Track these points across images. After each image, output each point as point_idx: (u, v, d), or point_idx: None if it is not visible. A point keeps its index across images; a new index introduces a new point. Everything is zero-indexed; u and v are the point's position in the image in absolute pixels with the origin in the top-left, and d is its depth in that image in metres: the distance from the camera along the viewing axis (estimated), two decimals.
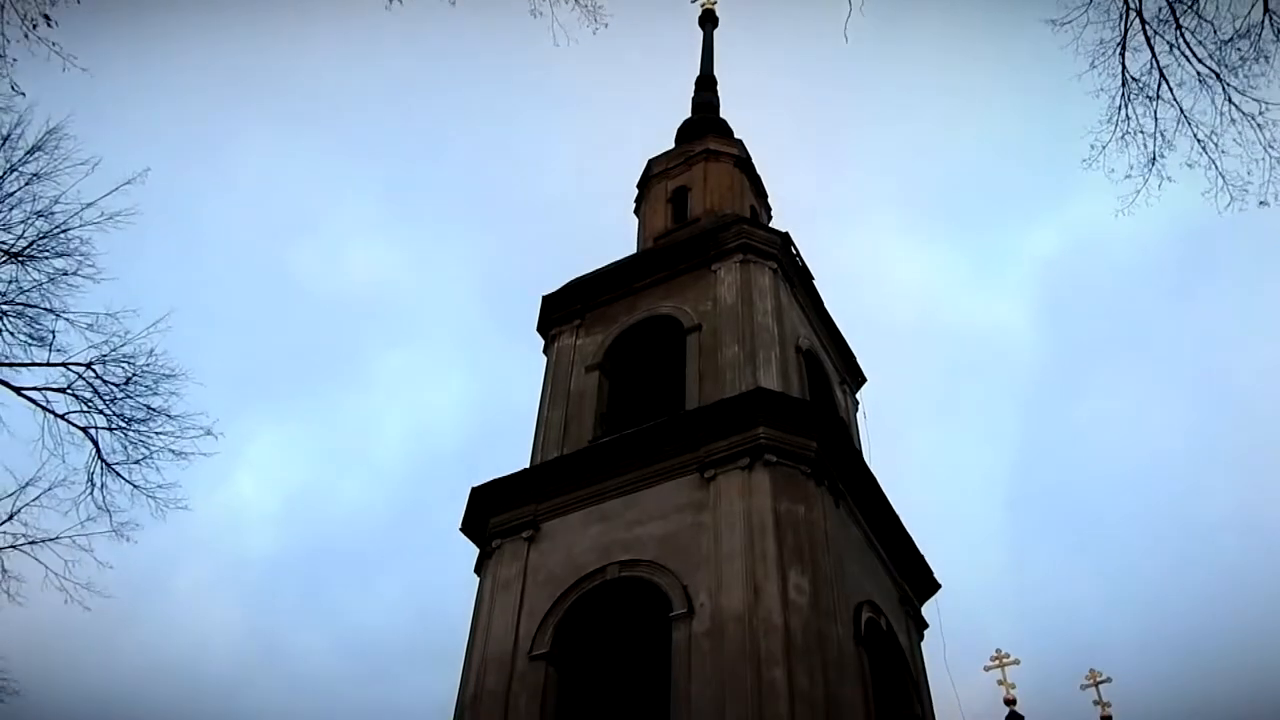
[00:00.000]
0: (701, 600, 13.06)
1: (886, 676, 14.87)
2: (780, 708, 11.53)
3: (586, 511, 15.18)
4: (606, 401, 17.69)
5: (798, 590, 12.72)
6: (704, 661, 12.44)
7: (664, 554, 13.90)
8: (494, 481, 16.15)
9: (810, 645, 12.19)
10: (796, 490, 13.94)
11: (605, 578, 14.19)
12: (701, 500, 14.22)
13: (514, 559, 15.21)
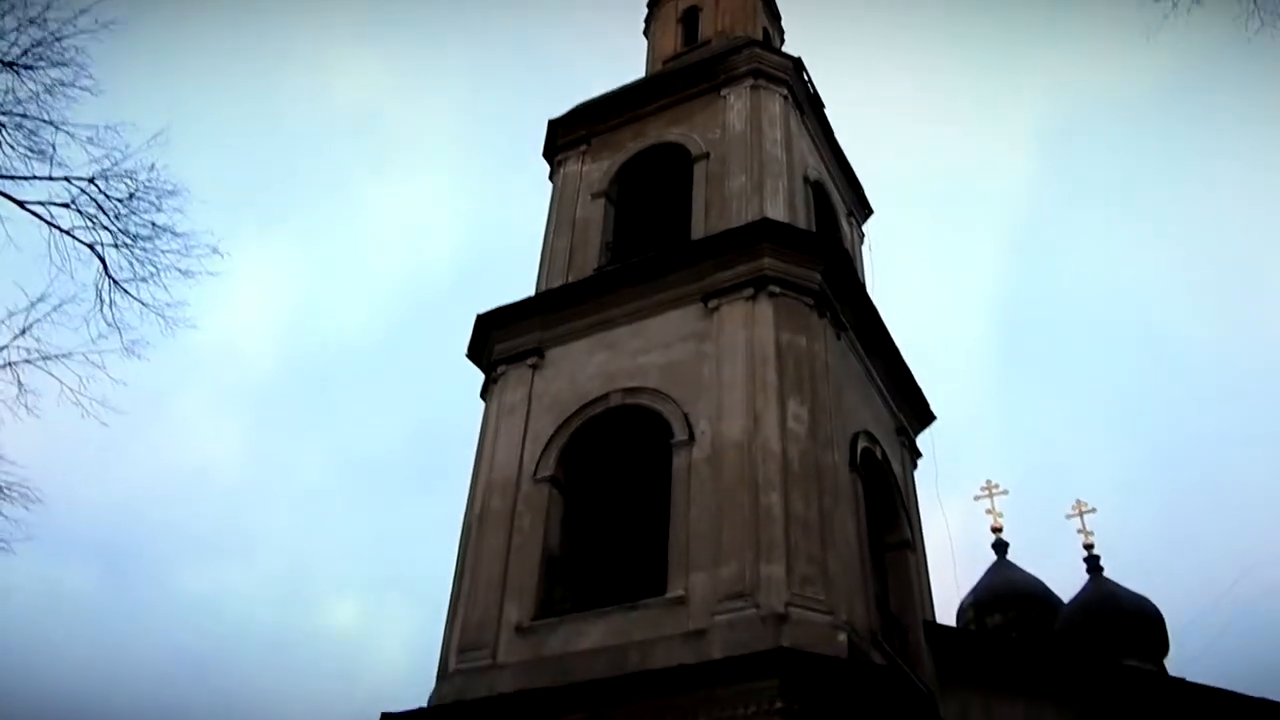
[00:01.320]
0: (702, 428, 13.34)
1: (879, 503, 15.37)
2: (776, 530, 11.96)
3: (591, 339, 15.32)
4: (612, 230, 17.57)
5: (796, 419, 12.98)
6: (703, 486, 12.82)
7: (666, 382, 14.12)
8: (500, 309, 16.24)
9: (807, 472, 12.54)
10: (799, 321, 14.02)
11: (608, 405, 14.46)
12: (705, 330, 14.33)
13: (519, 385, 15.46)
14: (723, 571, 11.90)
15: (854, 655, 11.16)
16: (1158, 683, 14.22)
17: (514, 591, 13.25)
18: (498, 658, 12.73)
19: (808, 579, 11.65)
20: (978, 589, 24.62)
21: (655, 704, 11.00)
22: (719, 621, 11.49)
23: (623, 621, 12.23)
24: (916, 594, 15.15)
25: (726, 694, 10.67)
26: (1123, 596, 21.69)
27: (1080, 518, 24.28)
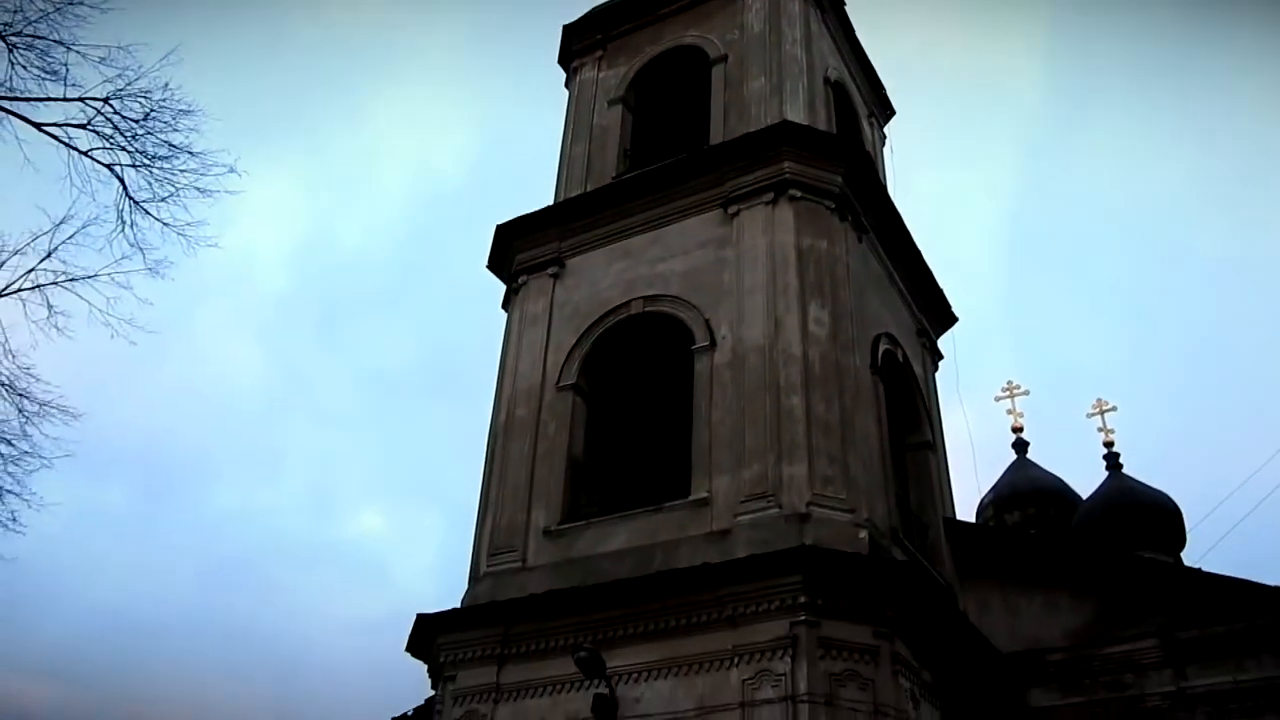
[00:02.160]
0: (723, 333, 13.44)
1: (900, 404, 15.51)
2: (797, 432, 12.15)
3: (611, 248, 15.35)
4: (630, 136, 17.43)
5: (817, 323, 13.04)
6: (725, 390, 12.98)
7: (687, 289, 14.18)
8: (519, 218, 16.25)
9: (828, 374, 12.66)
10: (820, 225, 13.97)
11: (629, 312, 14.56)
12: (725, 236, 14.32)
13: (540, 295, 15.56)
14: (745, 473, 12.13)
15: (875, 552, 11.43)
16: (1173, 572, 14.48)
17: (541, 496, 13.58)
18: (527, 560, 13.12)
19: (829, 479, 11.87)
20: (998, 487, 24.92)
21: (681, 601, 11.35)
22: (742, 521, 11.77)
23: (648, 523, 12.54)
24: (937, 492, 15.40)
25: (750, 591, 10.98)
26: (1141, 492, 21.90)
27: (1101, 416, 24.40)
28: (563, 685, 11.64)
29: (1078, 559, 15.23)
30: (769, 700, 10.38)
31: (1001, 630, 14.10)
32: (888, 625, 10.89)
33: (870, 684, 10.51)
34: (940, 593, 12.56)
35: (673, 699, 10.99)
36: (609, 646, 11.36)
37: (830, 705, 10.25)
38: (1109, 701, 13.23)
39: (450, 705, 12.30)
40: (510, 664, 12.18)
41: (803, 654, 10.50)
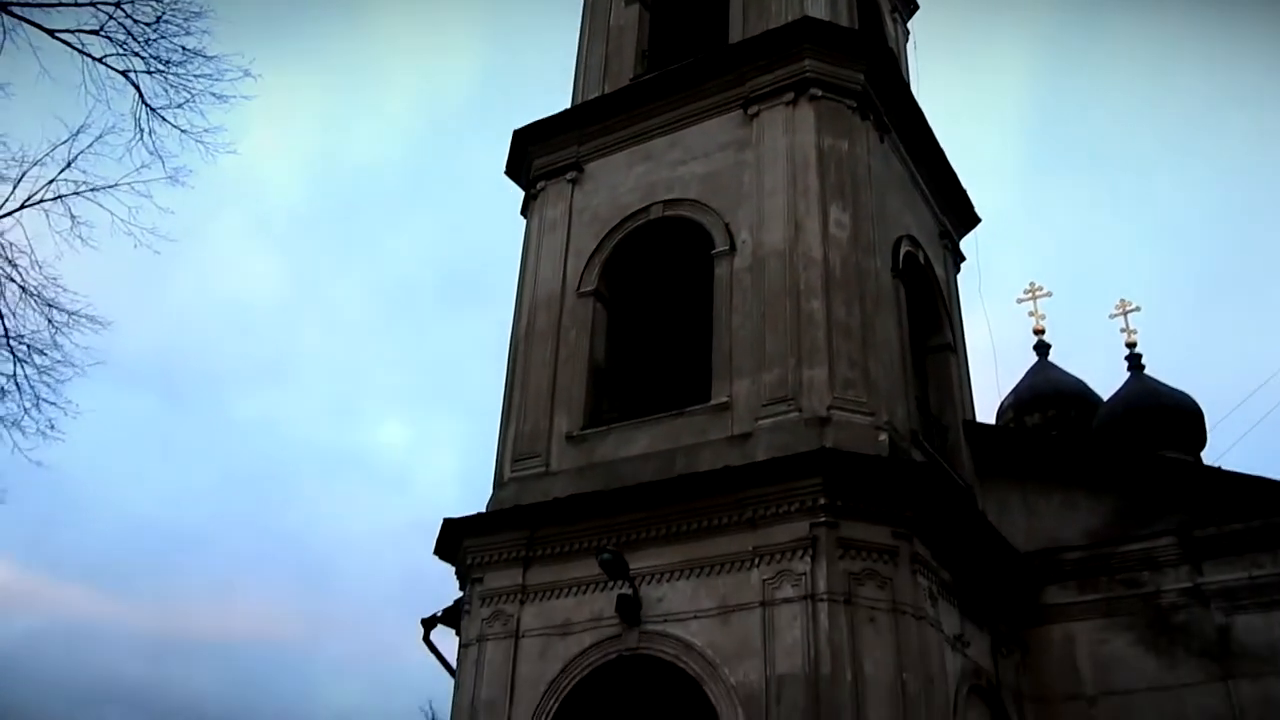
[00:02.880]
0: (743, 237, 13.34)
1: (921, 306, 15.43)
2: (818, 336, 12.14)
3: (629, 151, 15.15)
4: (648, 37, 17.03)
5: (838, 225, 12.91)
6: (745, 295, 12.94)
7: (707, 192, 14.02)
8: (536, 123, 16.02)
9: (848, 278, 12.58)
10: (841, 125, 13.71)
11: (649, 217, 14.44)
12: (745, 138, 14.09)
13: (558, 200, 15.45)
14: (766, 377, 12.17)
15: (894, 454, 11.51)
16: (1192, 471, 14.54)
17: (563, 403, 13.70)
18: (550, 465, 13.30)
19: (849, 382, 11.90)
20: (1018, 389, 24.91)
21: (702, 504, 11.52)
22: (763, 425, 11.86)
23: (669, 428, 12.66)
24: (957, 395, 15.42)
25: (771, 493, 11.12)
26: (1162, 392, 21.84)
27: (1124, 316, 24.20)
28: (587, 586, 11.92)
29: (1097, 458, 15.32)
30: (789, 599, 10.60)
31: (1020, 530, 14.28)
32: (906, 526, 11.03)
33: (889, 582, 10.70)
34: (959, 493, 12.68)
35: (694, 598, 11.25)
36: (632, 548, 11.58)
37: (849, 604, 10.46)
38: (1124, 598, 13.45)
39: (478, 605, 12.64)
40: (535, 566, 12.46)
41: (822, 554, 10.68)
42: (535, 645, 12.00)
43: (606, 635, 11.56)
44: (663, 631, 11.23)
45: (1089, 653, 13.39)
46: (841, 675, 10.07)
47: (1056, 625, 13.71)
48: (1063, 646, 13.57)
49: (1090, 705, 13.11)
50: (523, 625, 12.19)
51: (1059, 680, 13.43)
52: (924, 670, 10.44)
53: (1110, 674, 13.14)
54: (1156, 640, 13.06)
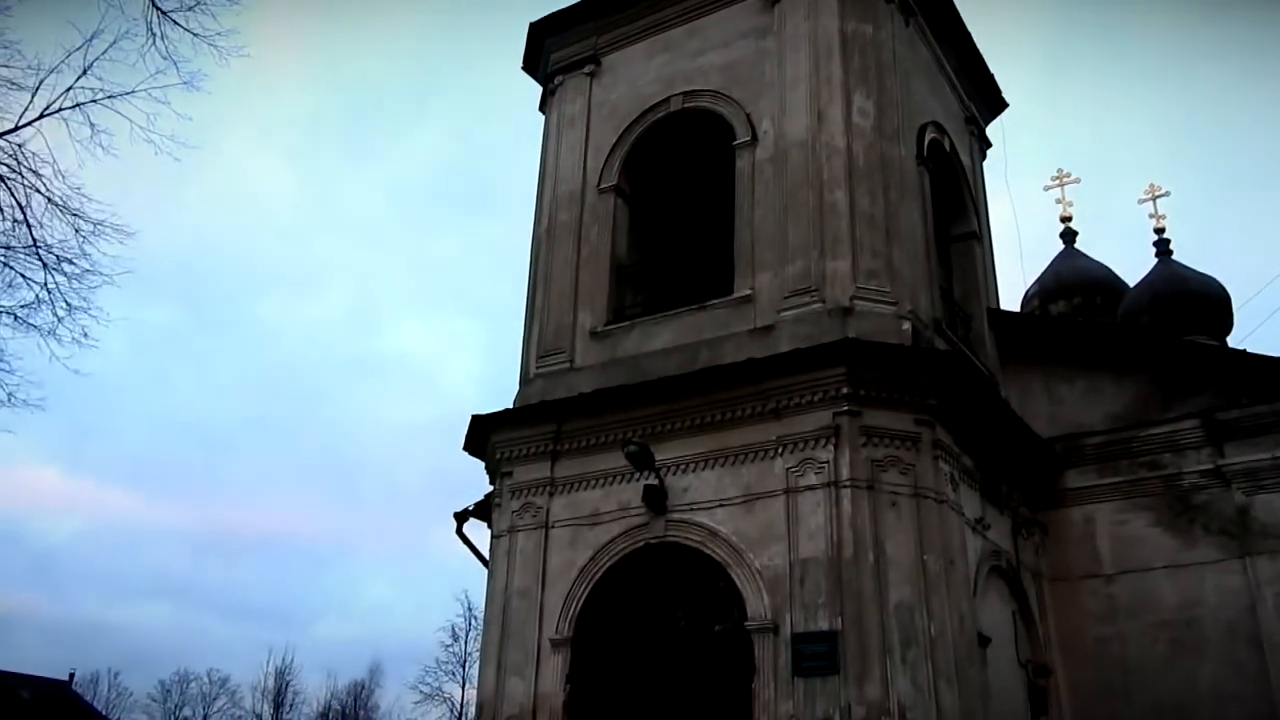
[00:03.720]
0: (765, 127, 13.17)
1: (946, 194, 15.27)
2: (841, 226, 12.08)
3: (648, 42, 14.87)
4: None
5: (862, 113, 12.71)
6: (767, 187, 12.85)
7: (727, 83, 13.79)
8: (553, 14, 15.72)
9: (872, 167, 12.44)
10: (865, 8, 13.36)
11: (669, 110, 14.25)
12: (766, 25, 13.78)
13: (577, 95, 15.26)
14: (788, 269, 12.17)
15: (917, 342, 11.57)
16: (1217, 354, 14.52)
17: (586, 299, 13.79)
18: (575, 361, 13.47)
19: (873, 272, 11.88)
20: (1043, 278, 24.69)
21: (726, 395, 11.67)
22: (785, 317, 11.92)
23: (692, 322, 12.74)
24: (981, 283, 15.37)
25: (794, 384, 11.25)
26: (1189, 277, 21.57)
27: (1153, 201, 23.75)
28: (614, 478, 12.20)
29: (1122, 342, 15.32)
30: (812, 486, 10.82)
31: (1042, 416, 14.40)
32: (929, 413, 11.16)
33: (911, 469, 10.89)
34: (981, 380, 12.76)
35: (719, 487, 11.50)
36: (657, 440, 11.80)
37: (871, 490, 10.67)
38: (1145, 480, 13.63)
39: (508, 498, 12.97)
40: (563, 459, 12.74)
41: (845, 442, 10.85)
42: (565, 535, 12.36)
43: (634, 524, 11.88)
44: (689, 520, 11.52)
45: (1108, 533, 13.65)
46: (864, 558, 10.35)
47: (1076, 508, 13.95)
48: (1082, 528, 13.83)
49: (1108, 584, 13.42)
50: (552, 516, 12.53)
51: (1078, 560, 13.73)
52: (945, 552, 10.69)
53: (1129, 554, 13.41)
54: (1176, 521, 13.27)
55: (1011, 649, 12.40)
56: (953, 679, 10.11)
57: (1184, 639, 12.75)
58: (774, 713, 10.11)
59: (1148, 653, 12.90)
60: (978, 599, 11.41)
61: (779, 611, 10.50)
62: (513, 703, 11.80)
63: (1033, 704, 12.43)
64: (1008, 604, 12.70)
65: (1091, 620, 13.39)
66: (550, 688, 11.63)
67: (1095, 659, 13.18)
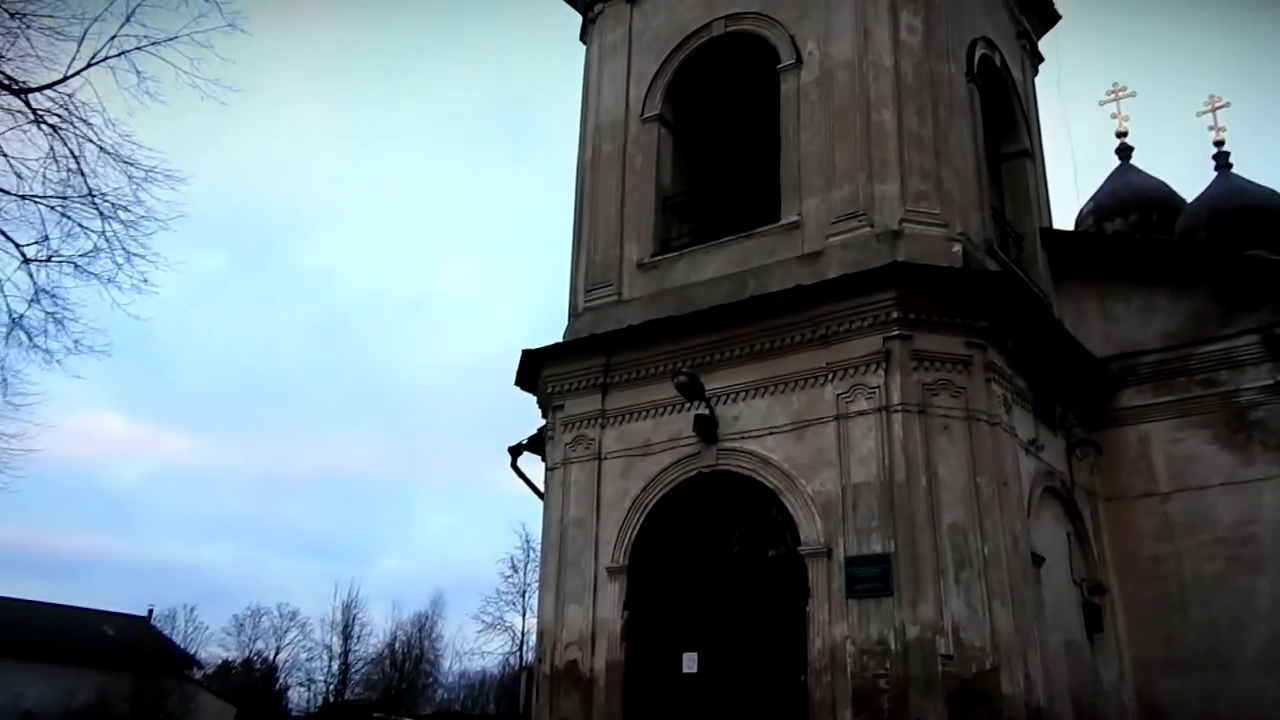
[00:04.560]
0: (810, 49, 12.93)
1: (997, 111, 14.93)
2: (889, 148, 11.89)
3: None
4: None
5: (909, 31, 12.41)
6: (813, 110, 12.66)
7: (771, 4, 13.50)
8: None
9: (920, 86, 12.19)
10: None
11: (711, 34, 14.02)
12: None
13: (617, 23, 15.06)
14: (836, 194, 12.04)
15: (968, 264, 11.43)
16: (1277, 268, 14.15)
17: (632, 230, 13.77)
18: (623, 294, 13.51)
19: (922, 194, 11.72)
20: (1098, 195, 24.11)
21: (775, 323, 11.66)
22: (833, 243, 11.82)
23: (739, 250, 12.69)
24: (1034, 202, 15.08)
25: (843, 310, 11.20)
26: (1249, 191, 20.94)
27: (1212, 114, 22.98)
28: (665, 408, 12.30)
29: (1179, 258, 15.03)
30: (863, 412, 10.84)
31: (1096, 336, 14.23)
32: (981, 335, 11.07)
33: (963, 392, 10.85)
34: (1034, 301, 12.60)
35: (769, 415, 11.56)
36: (706, 370, 11.87)
37: (923, 413, 10.66)
38: (1202, 398, 13.46)
39: (561, 431, 13.16)
40: (614, 391, 12.86)
41: (896, 367, 10.82)
42: (617, 466, 12.53)
43: (685, 454, 12.01)
44: (740, 448, 11.62)
45: (1164, 452, 13.54)
46: (916, 481, 10.39)
47: (1131, 427, 13.83)
48: (1137, 447, 13.73)
49: (1163, 502, 13.35)
50: (604, 448, 12.70)
51: (1133, 480, 13.66)
52: (998, 474, 10.70)
53: (1184, 472, 13.31)
54: (1233, 437, 13.12)
55: (1066, 568, 12.44)
56: (1006, 598, 10.19)
57: (1240, 555, 12.69)
58: (828, 635, 10.28)
59: (1203, 569, 12.87)
60: (1031, 520, 11.43)
61: (832, 536, 10.61)
62: (572, 629, 12.11)
63: (1087, 621, 12.48)
64: (1062, 524, 12.71)
65: (1147, 539, 13.36)
66: (608, 614, 11.91)
67: (1150, 576, 13.18)
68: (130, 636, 27.15)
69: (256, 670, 51.19)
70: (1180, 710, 12.55)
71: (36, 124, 10.96)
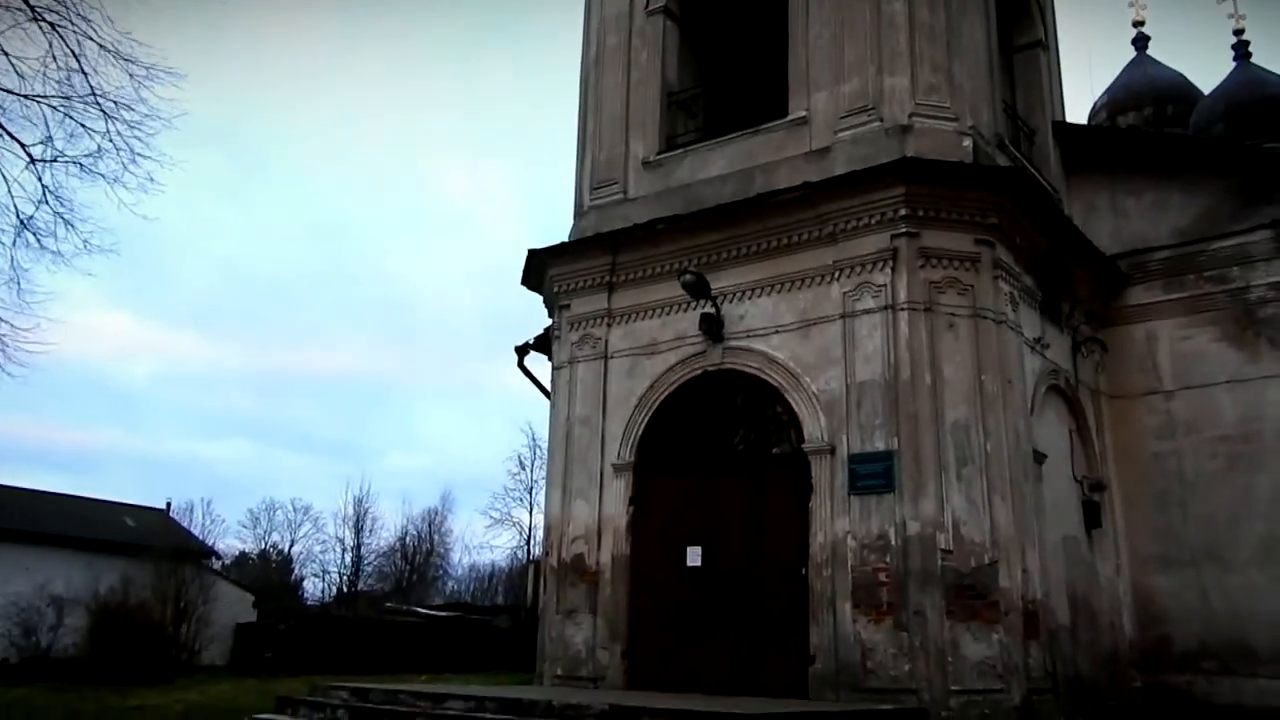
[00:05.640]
0: None
1: (1011, 2, 14.47)
2: (899, 40, 11.58)
3: None
4: None
5: None
6: (822, 2, 12.30)
7: None
8: None
9: None
10: None
11: None
12: None
13: None
14: (844, 88, 11.79)
15: (978, 160, 11.25)
16: None
17: (637, 128, 13.54)
18: (628, 192, 13.36)
19: (932, 88, 11.46)
20: (1112, 88, 23.54)
21: (781, 221, 11.55)
22: (842, 138, 11.62)
23: (746, 147, 12.49)
24: (1046, 95, 14.75)
25: (851, 207, 11.07)
26: (1269, 81, 20.38)
27: (1232, 1, 22.31)
28: (670, 307, 12.30)
29: (1193, 150, 14.79)
30: (869, 310, 10.82)
31: (1106, 232, 14.09)
32: (989, 232, 10.97)
33: (970, 289, 10.80)
34: (1044, 197, 12.44)
35: (776, 314, 11.55)
36: (713, 269, 11.81)
37: (929, 311, 10.64)
38: (1211, 295, 13.39)
39: (567, 330, 13.18)
40: (619, 290, 12.84)
41: (903, 265, 10.76)
42: (623, 365, 12.59)
43: (691, 353, 12.05)
44: (745, 347, 11.65)
45: (1170, 350, 13.54)
46: (920, 379, 10.43)
47: (1138, 325, 13.80)
48: (1143, 345, 13.72)
49: (1167, 400, 13.41)
50: (611, 347, 12.74)
51: (1138, 377, 13.69)
52: (1002, 372, 10.73)
53: (1190, 369, 13.33)
54: (1241, 335, 13.09)
55: (1068, 465, 12.57)
56: (1007, 495, 10.33)
57: (1242, 453, 12.79)
58: (830, 530, 10.47)
59: (1204, 467, 13.00)
60: (1035, 417, 11.51)
61: (835, 433, 10.71)
62: (579, 524, 12.34)
63: (1086, 517, 12.67)
64: (1065, 421, 12.80)
65: (1149, 436, 13.46)
66: (614, 510, 12.12)
67: (1151, 474, 13.32)
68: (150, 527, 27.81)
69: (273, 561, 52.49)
70: (1174, 603, 12.84)
71: (35, 21, 10.76)
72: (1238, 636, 12.31)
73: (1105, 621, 12.53)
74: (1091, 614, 12.18)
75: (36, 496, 27.04)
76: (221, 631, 24.78)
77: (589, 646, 11.84)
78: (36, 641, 20.97)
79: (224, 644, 24.96)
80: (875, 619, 9.97)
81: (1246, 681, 12.12)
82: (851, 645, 9.99)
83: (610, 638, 11.71)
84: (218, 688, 15.89)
